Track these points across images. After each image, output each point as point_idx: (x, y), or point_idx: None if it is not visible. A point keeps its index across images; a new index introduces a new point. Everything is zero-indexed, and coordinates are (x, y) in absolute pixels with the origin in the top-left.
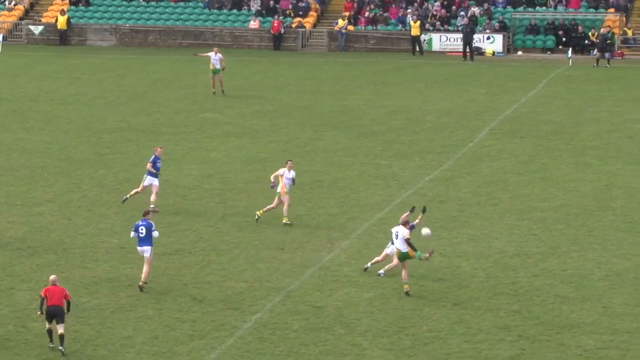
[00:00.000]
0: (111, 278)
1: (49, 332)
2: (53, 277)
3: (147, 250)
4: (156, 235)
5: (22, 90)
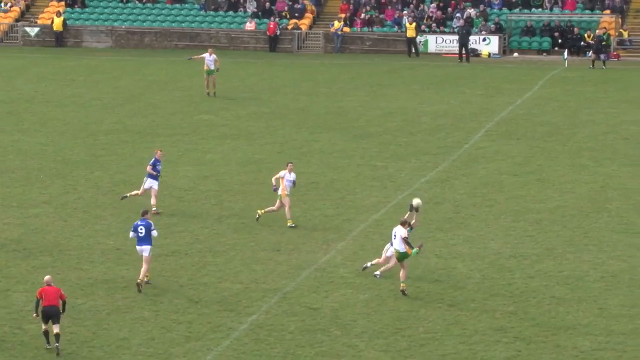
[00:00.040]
0: (107, 279)
1: (45, 334)
2: (48, 278)
3: (146, 250)
4: (155, 234)
5: (18, 92)
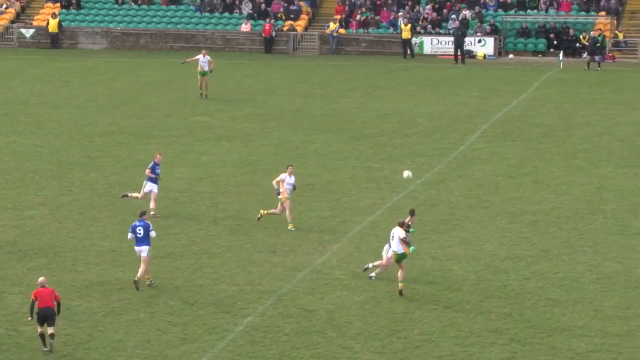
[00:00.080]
0: (102, 281)
1: (41, 336)
2: (42, 279)
3: (144, 250)
4: (154, 235)
5: (14, 94)
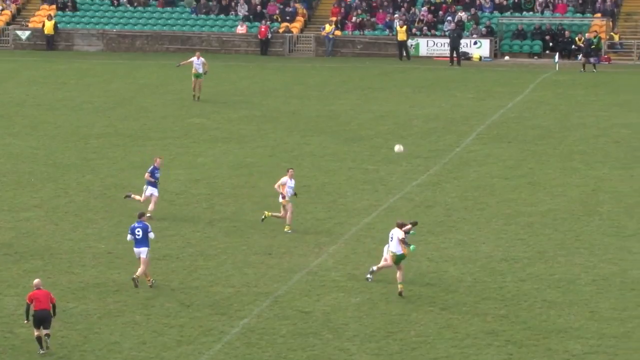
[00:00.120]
0: (98, 283)
1: (38, 339)
2: (37, 281)
3: (143, 252)
4: (152, 236)
5: (9, 96)
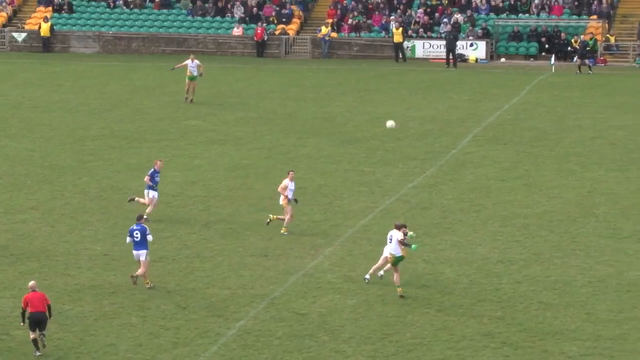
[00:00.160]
0: (94, 285)
1: (34, 342)
2: (32, 283)
3: (142, 254)
4: (150, 239)
5: (5, 98)
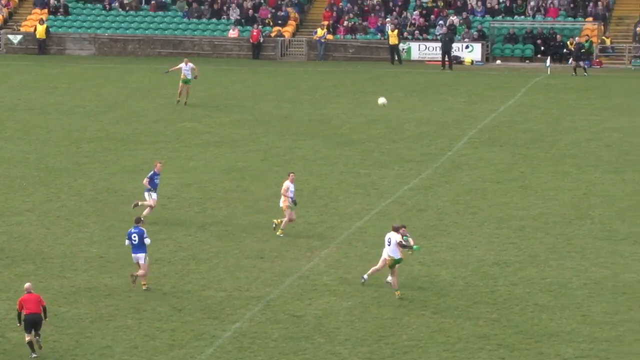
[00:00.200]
0: (90, 287)
1: (29, 344)
2: (28, 285)
3: (141, 258)
4: (148, 242)
5: (1, 100)
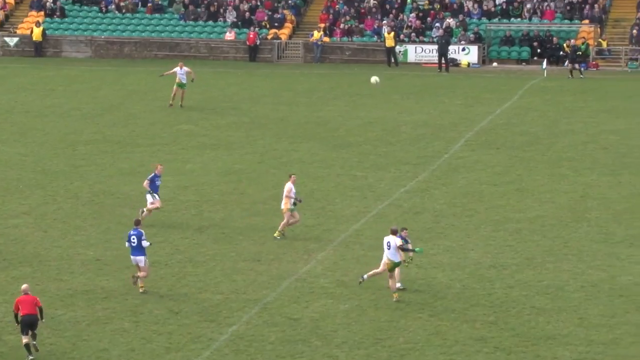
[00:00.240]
0: (87, 290)
1: (26, 346)
2: (25, 286)
3: (141, 260)
4: (146, 244)
5: None
